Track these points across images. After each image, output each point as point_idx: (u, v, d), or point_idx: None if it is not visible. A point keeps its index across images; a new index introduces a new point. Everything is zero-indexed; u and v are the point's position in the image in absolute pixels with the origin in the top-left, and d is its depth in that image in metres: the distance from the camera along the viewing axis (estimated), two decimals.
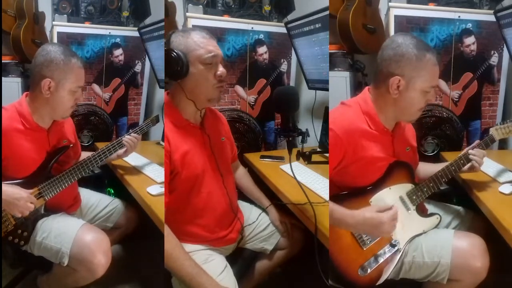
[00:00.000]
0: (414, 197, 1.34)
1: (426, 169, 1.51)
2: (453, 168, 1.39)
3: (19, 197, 1.39)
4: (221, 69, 1.30)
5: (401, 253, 1.30)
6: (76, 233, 1.43)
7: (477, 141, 1.45)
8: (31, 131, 1.48)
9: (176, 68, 1.25)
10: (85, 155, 1.79)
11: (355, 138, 1.25)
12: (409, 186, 1.35)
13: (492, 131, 1.48)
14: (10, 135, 1.44)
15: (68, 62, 1.46)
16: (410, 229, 1.32)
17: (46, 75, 1.44)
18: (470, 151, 1.42)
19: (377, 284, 1.28)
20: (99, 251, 1.41)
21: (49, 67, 1.44)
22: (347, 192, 1.30)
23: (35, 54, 1.49)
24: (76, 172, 1.55)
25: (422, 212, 1.39)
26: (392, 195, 1.31)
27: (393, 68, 1.23)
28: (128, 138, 1.71)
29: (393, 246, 1.30)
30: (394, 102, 1.26)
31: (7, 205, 1.39)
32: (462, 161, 1.41)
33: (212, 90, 1.31)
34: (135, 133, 1.75)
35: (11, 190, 1.39)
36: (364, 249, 1.28)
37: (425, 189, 1.36)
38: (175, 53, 1.25)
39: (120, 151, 1.72)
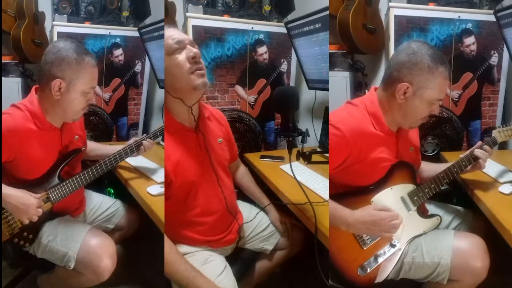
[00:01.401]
0: (415, 198, 1.34)
1: (429, 169, 1.51)
2: (455, 169, 1.39)
3: (29, 203, 1.36)
4: (194, 50, 1.22)
5: (401, 253, 1.30)
6: (83, 237, 1.42)
7: (479, 143, 1.45)
8: (44, 131, 1.42)
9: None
10: (91, 145, 1.80)
11: (361, 139, 1.24)
12: (410, 187, 1.34)
13: (494, 133, 1.48)
14: (23, 135, 1.37)
15: (81, 61, 1.37)
16: (411, 229, 1.32)
17: (57, 75, 1.35)
18: (476, 152, 1.41)
19: (375, 282, 1.28)
20: (106, 255, 1.41)
21: (60, 66, 1.35)
22: (348, 191, 1.30)
23: (45, 51, 1.39)
24: (85, 177, 1.51)
25: (422, 213, 1.39)
26: (393, 195, 1.31)
27: (403, 74, 1.23)
28: (146, 143, 1.68)
29: (393, 246, 1.30)
30: (399, 106, 1.26)
31: (16, 211, 1.36)
32: (464, 163, 1.40)
33: (190, 76, 1.22)
34: (149, 138, 1.70)
35: (20, 195, 1.36)
36: (364, 248, 1.28)
37: (426, 190, 1.35)
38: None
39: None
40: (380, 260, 1.28)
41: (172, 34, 1.24)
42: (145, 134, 1.74)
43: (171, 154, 1.28)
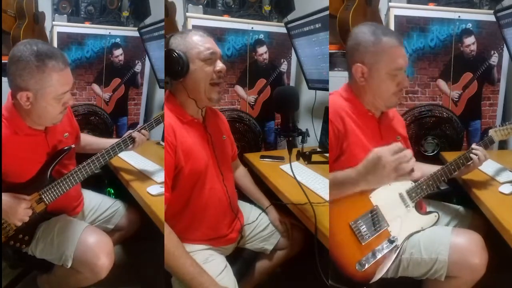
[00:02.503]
0: (413, 195, 1.35)
1: (426, 172, 1.50)
2: (452, 167, 1.40)
3: (15, 206, 1.33)
4: (220, 65, 1.33)
5: (399, 249, 1.30)
6: (80, 235, 1.42)
7: (474, 144, 1.46)
8: (26, 136, 1.38)
9: (177, 67, 1.28)
10: (86, 138, 1.79)
11: (344, 120, 1.28)
12: (408, 184, 1.35)
13: (491, 132, 1.50)
14: (5, 145, 1.33)
15: (44, 68, 1.26)
16: (409, 226, 1.32)
17: (21, 86, 1.26)
18: (473, 146, 1.43)
19: (372, 281, 1.27)
20: (103, 253, 1.40)
21: (22, 77, 1.25)
22: None
23: (8, 56, 1.28)
24: (78, 175, 1.47)
25: (420, 209, 1.39)
26: (391, 192, 1.32)
27: (355, 57, 1.29)
28: (138, 134, 1.64)
29: (391, 242, 1.30)
30: (364, 89, 1.31)
31: (5, 215, 1.34)
32: (461, 161, 1.41)
33: (212, 87, 1.32)
34: (143, 129, 1.66)
35: (6, 199, 1.33)
36: (363, 244, 1.27)
37: (424, 187, 1.36)
38: (176, 53, 1.28)
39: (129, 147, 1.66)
40: (378, 255, 1.28)
41: (209, 44, 1.32)
42: (139, 126, 1.70)
43: (184, 141, 1.30)
